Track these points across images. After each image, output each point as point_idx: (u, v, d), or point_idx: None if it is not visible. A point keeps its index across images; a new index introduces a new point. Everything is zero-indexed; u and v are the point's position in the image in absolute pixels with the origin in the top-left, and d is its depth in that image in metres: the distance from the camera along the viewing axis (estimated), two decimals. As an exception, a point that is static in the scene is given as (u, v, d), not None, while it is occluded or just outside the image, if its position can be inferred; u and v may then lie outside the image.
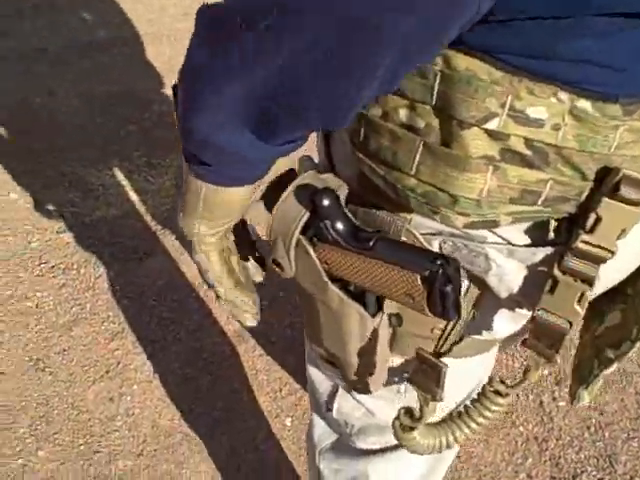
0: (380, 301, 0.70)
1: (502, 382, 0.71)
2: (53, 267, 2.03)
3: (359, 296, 0.69)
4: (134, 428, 1.73)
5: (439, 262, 0.60)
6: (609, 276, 0.67)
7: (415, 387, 0.73)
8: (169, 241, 2.13)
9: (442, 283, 0.60)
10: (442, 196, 0.59)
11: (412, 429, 0.74)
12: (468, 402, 0.75)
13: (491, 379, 0.71)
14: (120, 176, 2.33)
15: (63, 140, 2.41)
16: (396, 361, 0.80)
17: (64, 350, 1.85)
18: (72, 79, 2.69)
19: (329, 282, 0.68)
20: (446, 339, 0.74)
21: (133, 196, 2.27)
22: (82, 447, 1.68)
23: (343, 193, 0.69)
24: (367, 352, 0.73)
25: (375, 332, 0.70)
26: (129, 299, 1.98)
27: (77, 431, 1.71)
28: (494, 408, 0.72)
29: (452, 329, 0.73)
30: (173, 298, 1.99)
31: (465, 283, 0.68)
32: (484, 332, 0.75)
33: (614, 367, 0.70)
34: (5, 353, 1.82)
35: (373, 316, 0.70)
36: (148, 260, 2.07)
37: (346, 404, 0.93)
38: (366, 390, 0.79)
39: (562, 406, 1.83)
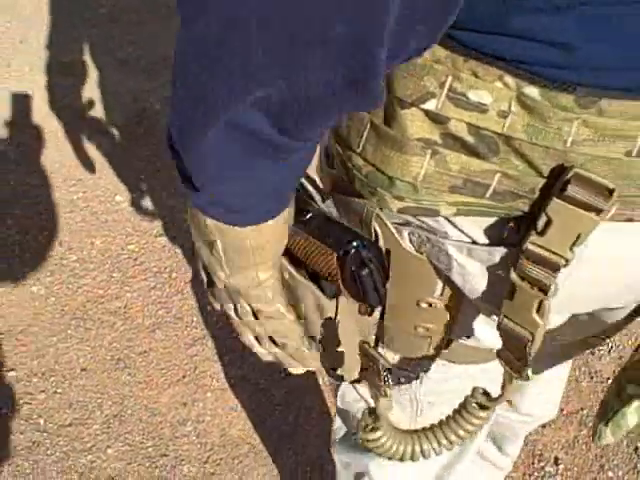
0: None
1: (485, 394, 0.66)
2: (146, 269, 2.07)
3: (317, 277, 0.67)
4: (203, 435, 1.73)
5: (355, 243, 0.59)
6: (603, 293, 0.63)
7: (365, 381, 0.70)
8: (262, 251, 2.13)
9: (355, 265, 0.59)
10: (380, 177, 0.57)
11: (375, 429, 0.69)
12: (450, 413, 0.70)
13: (474, 390, 0.67)
14: (223, 184, 2.36)
15: (173, 147, 2.47)
16: (388, 357, 0.77)
17: (145, 352, 1.87)
18: (191, 88, 2.76)
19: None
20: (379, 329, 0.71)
21: (233, 204, 2.28)
22: (150, 449, 1.70)
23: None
24: (330, 337, 0.70)
25: (332, 317, 0.67)
26: (214, 306, 1.98)
27: (147, 433, 1.72)
28: (475, 421, 0.68)
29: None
30: (257, 308, 1.97)
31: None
32: (469, 338, 0.71)
33: (635, 405, 0.63)
34: (89, 350, 1.87)
35: (331, 299, 0.66)
36: (238, 268, 2.07)
37: (349, 394, 0.91)
38: (339, 378, 0.76)
39: (659, 455, 1.67)
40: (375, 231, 0.62)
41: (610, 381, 1.58)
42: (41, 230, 2.16)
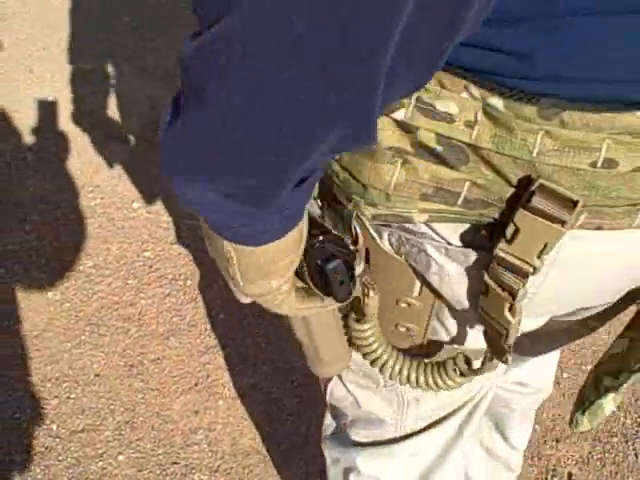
0: None
1: (467, 362, 0.69)
2: (161, 276, 2.08)
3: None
4: (214, 443, 1.73)
5: (320, 237, 0.60)
6: (575, 297, 0.65)
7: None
8: (276, 259, 2.12)
9: (320, 258, 0.59)
10: (355, 184, 0.58)
11: (363, 322, 0.70)
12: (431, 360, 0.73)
13: (457, 355, 0.69)
14: (240, 192, 2.36)
15: (191, 154, 2.48)
16: None
17: (158, 359, 1.88)
18: (210, 96, 2.76)
19: None
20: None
21: (249, 212, 2.28)
22: (161, 456, 1.70)
23: None
24: (308, 335, 0.73)
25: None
26: (229, 314, 1.98)
27: (159, 440, 1.73)
28: (449, 382, 0.71)
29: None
30: (271, 317, 1.97)
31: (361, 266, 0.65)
32: (447, 340, 0.73)
33: (611, 396, 0.66)
34: (103, 357, 1.87)
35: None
36: (253, 277, 2.07)
37: (337, 391, 0.92)
38: (319, 372, 0.79)
39: (675, 473, 1.65)
40: (355, 231, 0.63)
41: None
42: (58, 236, 2.17)
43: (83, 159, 2.42)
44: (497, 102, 0.49)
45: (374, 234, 0.63)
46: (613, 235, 0.55)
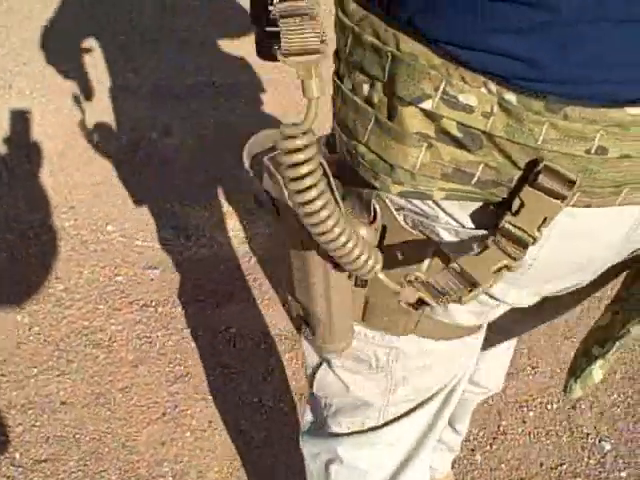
0: None
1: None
2: (132, 302, 2.06)
3: None
4: (179, 476, 1.71)
5: None
6: (564, 269, 0.73)
7: None
8: (250, 289, 2.12)
9: None
10: (382, 164, 0.65)
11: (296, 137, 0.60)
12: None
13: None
14: (216, 218, 2.35)
15: (168, 177, 2.46)
16: (368, 333, 0.87)
17: (126, 387, 1.86)
18: (189, 118, 2.75)
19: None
20: None
21: (224, 240, 2.28)
22: (125, 489, 1.67)
23: None
24: (326, 299, 0.78)
25: (327, 275, 0.74)
26: (199, 343, 1.97)
27: (124, 472, 1.70)
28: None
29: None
30: (242, 347, 1.96)
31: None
32: (441, 313, 0.81)
33: (599, 363, 0.75)
34: (70, 383, 1.85)
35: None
36: (225, 305, 2.06)
37: (326, 376, 0.97)
38: (330, 348, 0.85)
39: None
40: (374, 209, 0.70)
41: (588, 429, 1.59)
42: (30, 257, 2.15)
43: (58, 179, 2.40)
44: (511, 97, 0.57)
45: (393, 210, 0.70)
46: (599, 212, 0.64)
